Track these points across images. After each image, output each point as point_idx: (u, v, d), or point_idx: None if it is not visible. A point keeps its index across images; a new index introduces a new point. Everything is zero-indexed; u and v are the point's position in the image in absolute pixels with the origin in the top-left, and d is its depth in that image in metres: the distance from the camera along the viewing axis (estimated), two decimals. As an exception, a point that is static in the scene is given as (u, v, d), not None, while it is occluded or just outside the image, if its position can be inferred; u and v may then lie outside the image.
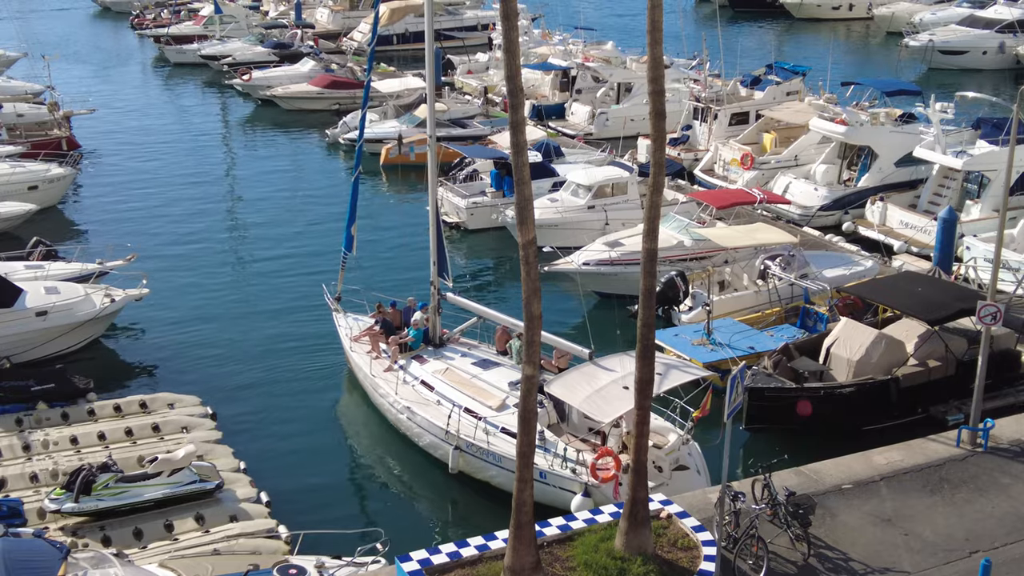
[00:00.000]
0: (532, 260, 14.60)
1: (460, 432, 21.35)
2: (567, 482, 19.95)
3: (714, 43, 48.77)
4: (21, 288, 26.59)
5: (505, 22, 13.92)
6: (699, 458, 20.86)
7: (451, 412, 21.68)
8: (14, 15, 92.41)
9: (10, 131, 44.81)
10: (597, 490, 19.50)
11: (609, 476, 19.47)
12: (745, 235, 30.93)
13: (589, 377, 20.74)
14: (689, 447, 20.85)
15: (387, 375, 23.86)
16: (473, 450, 21.24)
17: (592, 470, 19.55)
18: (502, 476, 20.68)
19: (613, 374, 20.60)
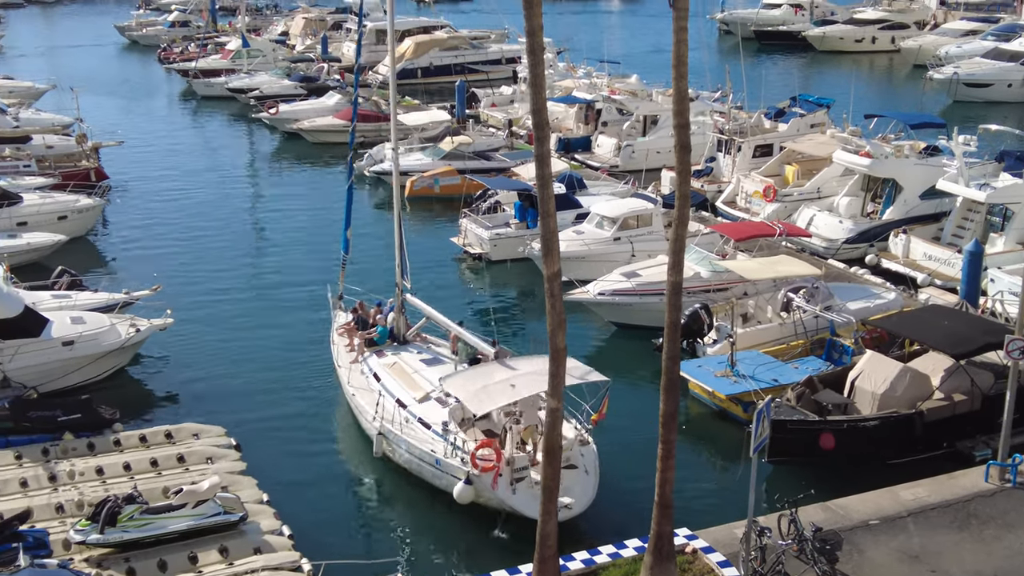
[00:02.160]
0: (557, 293, 14.65)
1: (383, 419, 22.95)
2: (455, 470, 20.94)
3: (737, 76, 48.89)
4: (48, 318, 26.84)
5: (531, 57, 14.04)
6: (592, 459, 21.56)
7: (378, 400, 23.51)
8: (45, 50, 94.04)
9: (40, 162, 45.39)
10: (478, 479, 20.43)
11: (488, 467, 20.30)
12: (767, 267, 30.85)
13: (486, 373, 22.08)
14: (584, 448, 21.66)
15: (352, 366, 25.78)
16: (392, 436, 22.69)
17: (472, 459, 20.45)
18: (413, 463, 22.35)
19: (509, 372, 21.86)
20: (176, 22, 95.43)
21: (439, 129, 50.91)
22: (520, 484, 20.58)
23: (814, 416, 22.55)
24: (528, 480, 20.62)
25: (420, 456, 22.03)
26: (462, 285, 36.20)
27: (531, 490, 20.21)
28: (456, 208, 39.56)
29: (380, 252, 34.77)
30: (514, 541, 20.04)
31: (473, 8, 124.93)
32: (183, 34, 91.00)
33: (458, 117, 55.54)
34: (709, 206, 41.18)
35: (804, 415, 22.51)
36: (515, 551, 19.13)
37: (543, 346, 14.91)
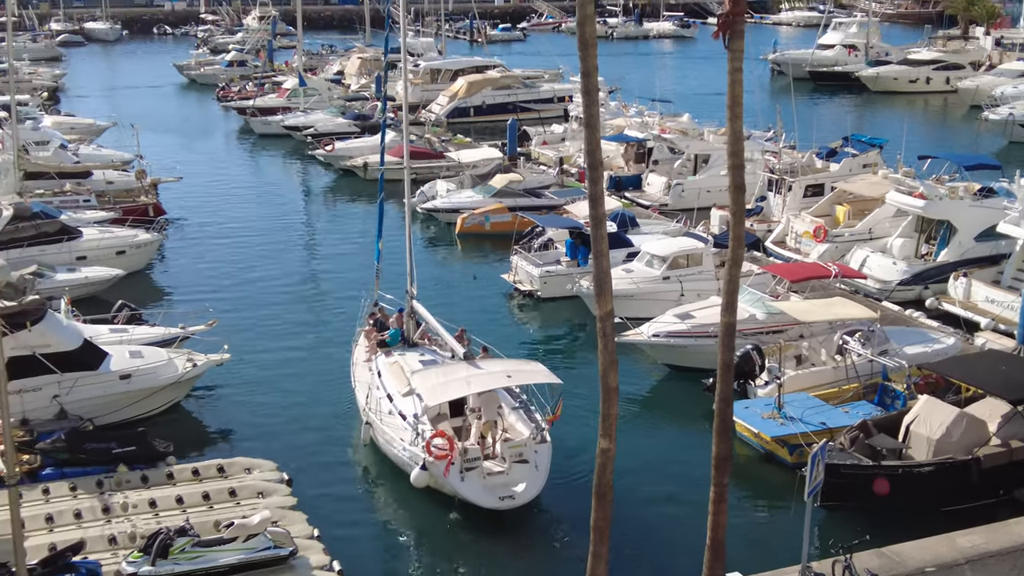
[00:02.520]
0: (609, 332, 14.64)
1: (369, 409, 25.39)
2: (416, 456, 22.92)
3: (789, 115, 48.75)
4: (106, 351, 27.28)
5: (586, 97, 14.15)
6: (544, 457, 23.08)
7: (371, 393, 25.70)
8: (105, 88, 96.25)
9: (99, 197, 46.30)
10: (432, 466, 22.37)
11: (442, 455, 22.25)
12: (822, 309, 30.54)
13: (450, 371, 24.68)
14: (540, 446, 23.18)
15: (364, 364, 27.83)
16: (375, 425, 25.09)
17: (427, 446, 22.47)
18: (389, 451, 24.54)
19: (470, 371, 24.25)
20: (234, 61, 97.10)
21: (490, 167, 51.26)
22: (470, 473, 22.37)
23: (868, 461, 22.24)
24: (479, 470, 22.51)
25: (391, 442, 24.33)
26: (512, 322, 36.26)
27: (480, 480, 22.38)
28: (507, 245, 39.74)
29: (430, 287, 34.89)
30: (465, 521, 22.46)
31: (528, 50, 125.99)
32: (240, 73, 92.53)
33: (509, 155, 55.90)
34: (761, 246, 40.96)
35: (858, 459, 22.20)
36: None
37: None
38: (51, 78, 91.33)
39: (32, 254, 36.34)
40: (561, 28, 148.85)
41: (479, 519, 22.51)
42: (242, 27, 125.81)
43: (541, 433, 23.56)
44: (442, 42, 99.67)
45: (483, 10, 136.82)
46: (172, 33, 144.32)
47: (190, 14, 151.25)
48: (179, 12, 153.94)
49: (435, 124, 68.92)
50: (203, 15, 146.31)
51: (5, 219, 37.46)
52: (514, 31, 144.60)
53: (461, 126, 69.83)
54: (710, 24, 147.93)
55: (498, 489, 22.44)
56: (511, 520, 22.60)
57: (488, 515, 22.41)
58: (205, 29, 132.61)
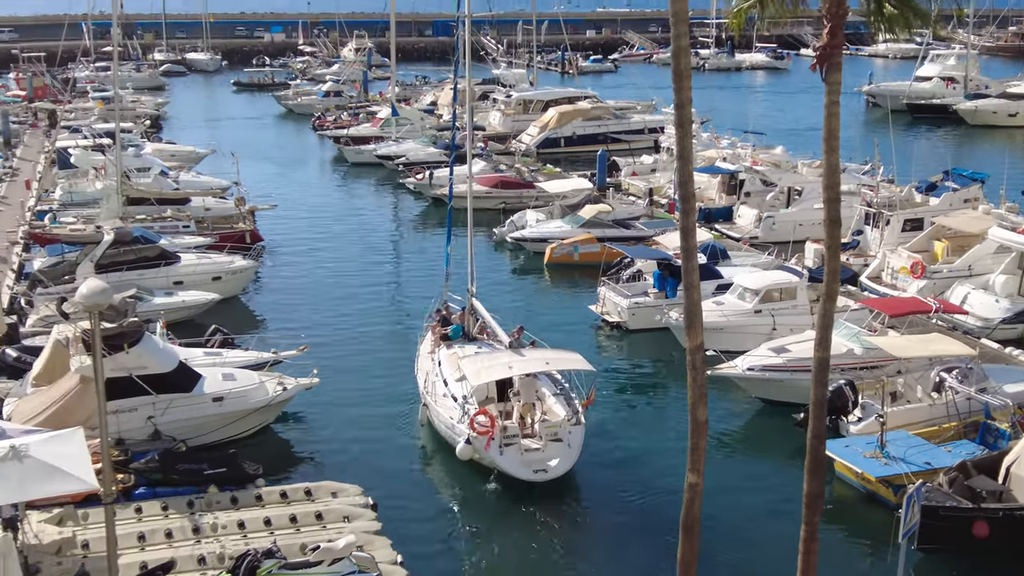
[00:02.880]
0: (699, 365, 14.46)
1: (427, 393, 28.33)
2: (461, 432, 25.62)
3: (886, 148, 47.80)
4: (200, 374, 27.84)
5: (679, 129, 14.07)
6: (577, 437, 25.73)
7: (430, 379, 28.49)
8: (205, 116, 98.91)
9: (198, 223, 47.44)
10: (475, 440, 25.09)
11: (483, 431, 24.99)
12: (919, 345, 29.77)
13: (494, 356, 27.80)
14: (574, 428, 25.78)
15: (427, 355, 30.26)
16: (430, 406, 28.01)
17: (470, 423, 25.28)
18: (442, 428, 27.33)
19: (513, 357, 27.45)
20: (330, 92, 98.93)
21: (579, 197, 51.24)
22: (508, 448, 25.14)
23: (967, 503, 21.53)
24: (517, 446, 25.24)
25: (442, 421, 27.16)
26: (599, 353, 36.06)
27: (518, 454, 25.11)
28: (595, 276, 39.62)
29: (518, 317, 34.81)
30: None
31: (619, 81, 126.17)
32: (336, 103, 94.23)
33: (598, 185, 55.85)
34: (857, 281, 40.11)
35: (957, 501, 21.52)
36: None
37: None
38: (153, 106, 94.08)
39: (131, 278, 37.26)
40: (652, 59, 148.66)
41: (515, 489, 25.04)
42: (339, 59, 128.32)
43: (576, 416, 26.12)
44: (533, 73, 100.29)
45: (575, 41, 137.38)
46: (270, 64, 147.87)
47: (288, 45, 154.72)
48: (278, 43, 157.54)
49: (524, 154, 69.24)
50: (301, 46, 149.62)
51: (106, 243, 38.55)
52: (605, 62, 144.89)
53: (551, 156, 70.01)
54: (804, 56, 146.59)
55: (533, 463, 25.16)
56: (544, 491, 24.98)
57: (523, 486, 25.02)
58: (303, 60, 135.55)
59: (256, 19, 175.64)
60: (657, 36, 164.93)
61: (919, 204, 44.11)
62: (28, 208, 49.80)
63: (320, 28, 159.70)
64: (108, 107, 77.86)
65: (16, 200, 52.74)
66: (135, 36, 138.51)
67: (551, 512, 24.48)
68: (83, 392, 25.31)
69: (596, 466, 26.93)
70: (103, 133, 64.34)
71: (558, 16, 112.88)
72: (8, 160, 64.84)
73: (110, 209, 46.81)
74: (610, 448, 28.37)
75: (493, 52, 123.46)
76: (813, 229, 44.57)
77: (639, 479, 26.43)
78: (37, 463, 18.84)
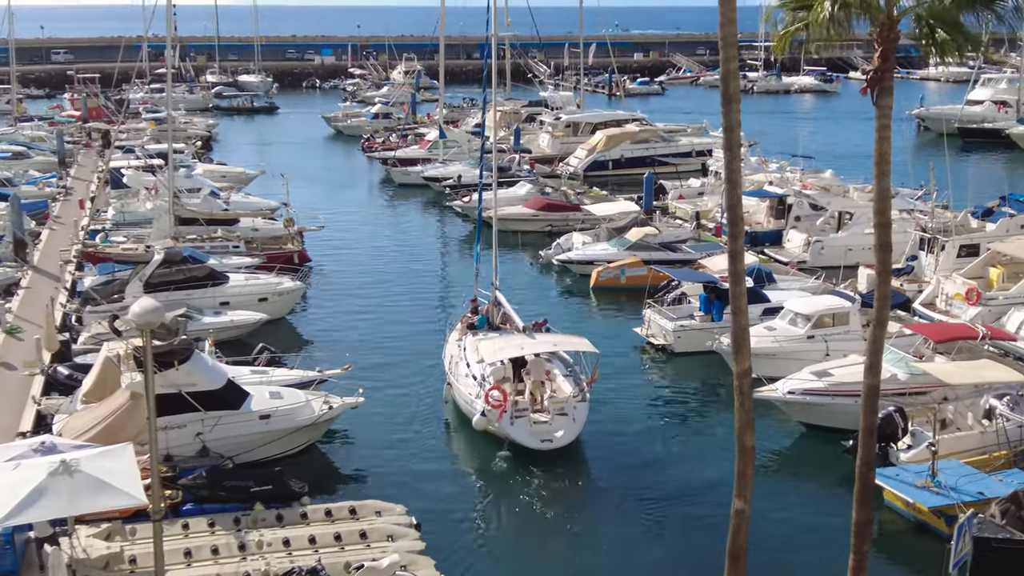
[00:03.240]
0: (747, 391, 14.36)
1: (451, 373, 31.71)
2: (477, 403, 28.86)
3: (941, 173, 47.21)
4: (248, 392, 28.08)
5: (728, 152, 14.03)
6: (581, 412, 28.86)
7: (451, 360, 31.97)
8: (256, 138, 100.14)
9: (247, 244, 47.97)
10: (489, 413, 28.23)
11: (496, 405, 28.14)
12: (968, 372, 29.32)
13: (509, 338, 31.56)
14: (578, 404, 28.91)
15: (455, 342, 33.10)
16: (453, 384, 31.29)
17: (485, 398, 28.43)
18: (462, 404, 30.52)
19: (525, 340, 31.09)
20: (379, 114, 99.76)
21: (626, 220, 51.16)
22: (519, 420, 28.26)
23: (1020, 535, 21.10)
24: (527, 419, 28.34)
25: (464, 398, 30.18)
26: (644, 376, 35.90)
27: (527, 426, 28.18)
28: (641, 299, 39.48)
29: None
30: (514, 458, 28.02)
31: (666, 104, 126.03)
32: (385, 125, 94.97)
33: (645, 208, 55.73)
34: (909, 307, 39.57)
35: (1010, 533, 21.08)
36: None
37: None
38: (205, 128, 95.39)
39: (179, 297, 37.70)
40: (699, 82, 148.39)
41: (525, 457, 28.00)
42: (388, 81, 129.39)
43: (582, 393, 29.28)
44: (580, 96, 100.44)
45: (622, 64, 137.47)
46: (321, 86, 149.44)
47: (339, 68, 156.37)
48: (328, 66, 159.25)
49: (571, 177, 69.29)
50: (351, 69, 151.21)
51: (156, 263, 39.09)
52: (652, 85, 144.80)
53: (599, 179, 70.00)
54: (853, 79, 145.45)
55: (541, 434, 28.20)
56: (550, 459, 27.96)
57: (532, 454, 27.97)
58: (353, 83, 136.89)
59: (307, 42, 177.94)
60: (705, 59, 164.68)
61: (975, 230, 43.46)
62: (81, 227, 50.64)
63: (370, 51, 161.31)
64: (160, 128, 79.11)
65: (69, 219, 53.69)
66: (188, 58, 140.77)
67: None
68: (133, 408, 25.64)
69: (639, 486, 26.83)
70: (155, 154, 65.37)
71: (605, 39, 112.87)
72: (62, 180, 66.01)
73: (161, 229, 47.44)
74: (652, 460, 28.35)
75: (540, 75, 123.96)
76: (863, 254, 44.10)
77: (680, 502, 26.26)
78: (87, 478, 19.13)
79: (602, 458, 28.73)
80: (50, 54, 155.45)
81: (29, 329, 35.75)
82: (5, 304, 38.70)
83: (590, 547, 24.12)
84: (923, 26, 15.49)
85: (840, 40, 16.32)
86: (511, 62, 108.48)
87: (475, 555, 23.85)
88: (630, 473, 27.78)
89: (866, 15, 15.17)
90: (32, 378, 31.67)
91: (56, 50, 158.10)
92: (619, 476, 27.69)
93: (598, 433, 30.24)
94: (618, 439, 30.02)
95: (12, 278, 42.59)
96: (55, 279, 43.35)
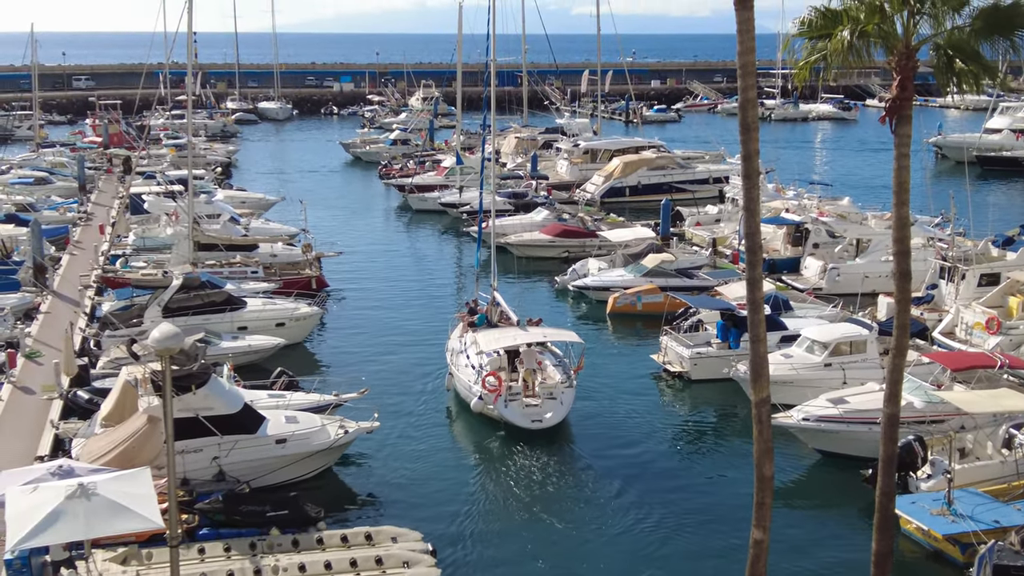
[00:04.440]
0: (765, 419, 14.31)
1: (452, 364, 35.27)
2: (475, 389, 32.45)
3: (960, 201, 47.06)
4: (264, 416, 28.14)
5: (747, 180, 14.04)
6: (568, 396, 32.34)
7: (452, 353, 35.65)
8: (275, 164, 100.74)
9: (266, 269, 48.19)
10: (486, 397, 31.90)
11: (492, 390, 31.83)
12: (987, 400, 29.08)
13: (504, 331, 35.04)
14: (565, 389, 32.41)
15: (457, 338, 36.58)
16: (454, 374, 34.75)
17: (483, 383, 32.13)
18: (462, 390, 33.93)
19: (519, 332, 34.47)
20: (397, 140, 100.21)
21: (642, 246, 51.16)
22: (512, 403, 31.79)
23: (1041, 565, 20.92)
24: (519, 402, 31.88)
25: (463, 385, 33.63)
26: (660, 403, 35.79)
27: (520, 408, 31.66)
28: (657, 325, 39.42)
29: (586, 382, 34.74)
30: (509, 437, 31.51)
31: (684, 131, 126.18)
32: (403, 151, 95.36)
33: (662, 235, 55.73)
34: (928, 335, 39.36)
35: (1030, 563, 20.91)
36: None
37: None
38: (225, 154, 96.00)
39: (198, 322, 37.90)
40: (716, 109, 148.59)
41: (519, 436, 31.37)
42: (406, 108, 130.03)
43: (569, 380, 32.83)
44: (597, 122, 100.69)
45: (639, 91, 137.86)
46: (339, 113, 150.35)
47: (357, 95, 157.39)
48: (347, 93, 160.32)
49: (588, 203, 69.38)
50: (369, 95, 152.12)
51: (175, 288, 39.28)
52: (669, 112, 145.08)
53: (616, 206, 70.04)
54: (870, 106, 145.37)
55: (532, 415, 31.61)
56: (541, 437, 31.26)
57: (524, 433, 31.33)
58: (371, 109, 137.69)
59: (326, 69, 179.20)
60: (722, 86, 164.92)
61: (996, 259, 43.25)
62: (101, 252, 50.99)
63: (388, 78, 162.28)
64: (181, 154, 79.67)
65: (90, 244, 54.11)
66: (209, 85, 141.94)
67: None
68: (151, 432, 25.71)
69: (654, 514, 26.70)
70: (175, 180, 65.84)
71: (623, 66, 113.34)
72: (83, 205, 66.58)
73: (181, 254, 47.74)
74: (668, 487, 28.30)
75: (557, 102, 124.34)
76: (880, 281, 43.95)
77: (697, 531, 26.10)
78: (104, 501, 19.17)
79: (617, 486, 28.54)
80: (72, 80, 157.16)
81: (48, 353, 35.99)
82: (25, 328, 38.96)
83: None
84: (942, 56, 15.50)
85: (858, 67, 16.35)
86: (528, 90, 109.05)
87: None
88: (645, 502, 27.63)
89: (885, 44, 15.21)
90: (50, 402, 31.86)
91: (78, 76, 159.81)
92: (634, 504, 27.51)
93: (616, 457, 30.32)
94: (634, 467, 29.88)
95: (32, 303, 42.88)
96: (74, 304, 43.63)
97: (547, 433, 31.48)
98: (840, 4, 15.83)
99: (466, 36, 79.06)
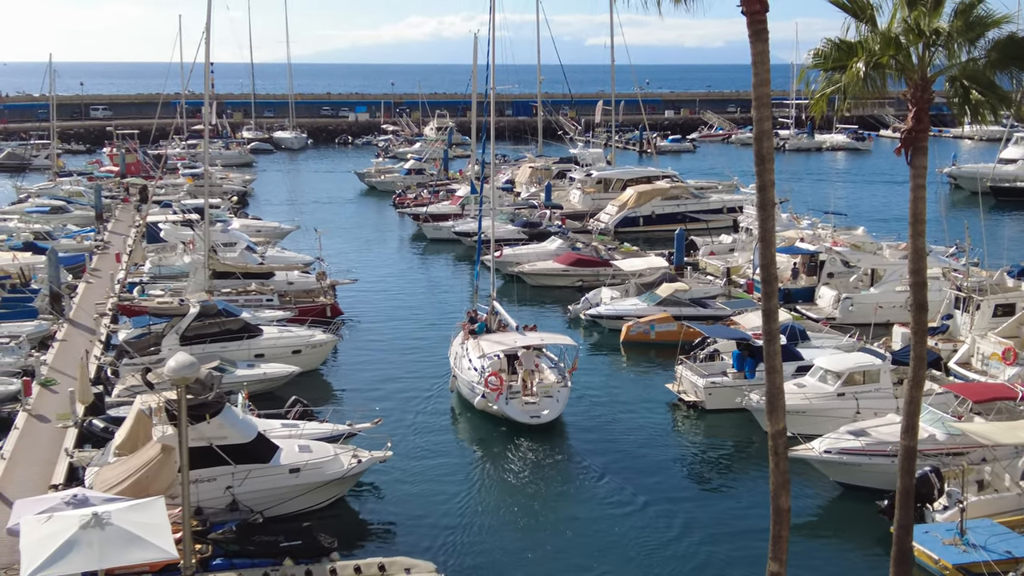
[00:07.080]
0: (782, 451, 14.22)
1: (456, 367, 37.84)
2: (478, 388, 35.16)
3: (975, 231, 46.90)
4: (278, 445, 28.10)
5: (762, 211, 14.04)
6: (564, 395, 35.13)
7: (455, 357, 38.17)
8: (290, 193, 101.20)
9: (281, 297, 48.33)
10: (488, 395, 34.74)
11: (494, 388, 34.62)
12: (1007, 432, 28.85)
13: (504, 336, 38.23)
14: (561, 388, 35.25)
15: (459, 344, 38.86)
16: (457, 375, 37.53)
17: (485, 383, 34.87)
18: (464, 390, 36.71)
19: (517, 336, 37.58)
20: (412, 170, 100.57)
21: (656, 275, 51.10)
22: (512, 401, 34.68)
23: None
24: (519, 400, 34.77)
25: (466, 384, 36.26)
26: (675, 433, 35.62)
27: (519, 406, 34.53)
28: (671, 355, 39.32)
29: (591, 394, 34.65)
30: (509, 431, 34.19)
31: (698, 162, 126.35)
32: (417, 181, 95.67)
33: (676, 264, 55.69)
34: (942, 365, 39.14)
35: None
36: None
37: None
38: (241, 183, 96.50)
39: (214, 350, 38.02)
40: (730, 139, 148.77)
41: (518, 431, 34.09)
42: (421, 137, 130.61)
43: (564, 380, 35.65)
44: (611, 152, 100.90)
45: (653, 121, 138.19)
46: (354, 142, 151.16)
47: (372, 125, 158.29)
48: (362, 123, 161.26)
49: (602, 232, 69.42)
50: (384, 125, 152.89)
51: (191, 316, 39.41)
52: (683, 142, 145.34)
53: (630, 235, 70.06)
54: (884, 136, 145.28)
55: (531, 412, 34.46)
56: (539, 432, 33.98)
57: (524, 428, 34.13)
58: (386, 139, 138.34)
59: (341, 99, 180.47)
60: (736, 116, 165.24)
61: (1011, 289, 43.06)
62: (118, 280, 51.18)
63: (403, 108, 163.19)
64: (197, 183, 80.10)
65: (107, 272, 54.33)
66: (225, 115, 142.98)
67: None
68: (165, 461, 25.68)
69: (669, 543, 26.52)
70: (192, 208, 66.10)
71: (637, 96, 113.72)
72: (100, 234, 66.94)
73: (197, 282, 47.91)
74: (683, 518, 28.17)
75: (571, 131, 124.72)
76: (894, 311, 43.76)
77: (711, 562, 25.91)
78: (118, 531, 19.14)
79: (632, 518, 28.41)
80: (89, 110, 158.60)
81: (63, 381, 36.09)
82: (40, 356, 39.10)
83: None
84: (957, 87, 15.50)
85: (874, 98, 16.36)
86: (542, 119, 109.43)
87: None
88: (659, 528, 27.47)
89: (900, 75, 15.23)
90: (65, 430, 31.89)
91: (95, 106, 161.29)
92: (648, 532, 27.37)
93: (628, 485, 30.20)
94: (648, 496, 29.71)
95: (48, 330, 43.06)
96: (90, 332, 43.77)
97: (559, 456, 31.94)
98: (856, 36, 15.87)
99: (481, 66, 79.52)
